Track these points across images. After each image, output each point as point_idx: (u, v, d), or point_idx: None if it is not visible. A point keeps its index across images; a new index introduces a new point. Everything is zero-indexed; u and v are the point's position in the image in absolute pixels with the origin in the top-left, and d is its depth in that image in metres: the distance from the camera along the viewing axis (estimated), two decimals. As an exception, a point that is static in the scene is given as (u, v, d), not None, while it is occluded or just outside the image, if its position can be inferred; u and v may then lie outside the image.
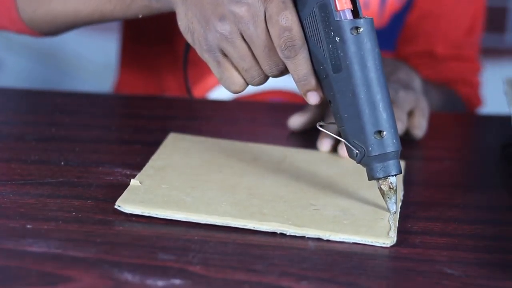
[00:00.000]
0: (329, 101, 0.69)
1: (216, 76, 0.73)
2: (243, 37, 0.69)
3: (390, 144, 0.67)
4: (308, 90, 0.70)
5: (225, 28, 0.69)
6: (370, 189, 0.72)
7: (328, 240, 0.64)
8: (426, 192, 0.75)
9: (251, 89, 1.09)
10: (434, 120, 0.90)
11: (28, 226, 0.64)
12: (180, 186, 0.70)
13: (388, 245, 0.64)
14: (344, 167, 0.77)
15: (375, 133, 0.67)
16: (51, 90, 1.05)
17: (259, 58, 0.70)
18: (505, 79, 0.88)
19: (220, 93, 1.09)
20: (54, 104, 0.92)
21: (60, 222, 0.65)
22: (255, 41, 0.69)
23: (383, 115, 0.67)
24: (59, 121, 0.86)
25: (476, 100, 1.16)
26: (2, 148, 0.79)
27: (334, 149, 0.81)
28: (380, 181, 0.68)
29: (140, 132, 0.85)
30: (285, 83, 1.10)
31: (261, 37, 0.68)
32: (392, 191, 0.68)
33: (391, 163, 0.68)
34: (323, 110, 0.87)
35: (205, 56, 0.72)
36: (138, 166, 0.74)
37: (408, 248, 0.64)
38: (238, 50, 0.70)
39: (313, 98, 0.70)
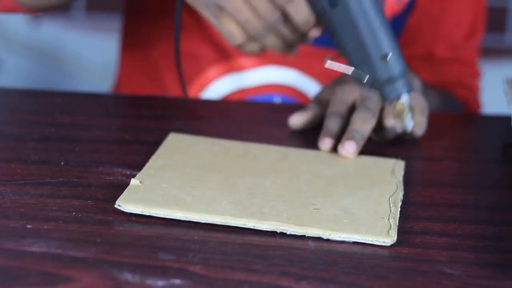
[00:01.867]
0: (331, 36, 0.73)
1: (219, 31, 0.76)
2: None
3: (396, 65, 0.72)
4: (310, 28, 0.74)
5: None
6: (370, 189, 0.73)
7: (328, 240, 0.64)
8: (426, 192, 0.75)
9: (250, 83, 1.09)
10: (434, 120, 0.90)
11: (28, 226, 0.64)
12: (180, 185, 0.70)
13: (389, 244, 0.64)
14: (344, 167, 0.77)
15: (381, 57, 0.72)
16: (51, 90, 1.05)
17: (256, 6, 0.72)
18: (505, 79, 0.88)
19: (219, 87, 1.09)
20: (54, 104, 0.92)
21: (60, 222, 0.65)
22: None
23: (385, 39, 0.72)
24: (59, 121, 0.86)
25: (475, 104, 1.16)
26: (2, 148, 0.79)
27: (335, 149, 0.81)
28: (393, 102, 0.74)
29: (140, 132, 0.85)
30: (285, 79, 1.10)
31: None
32: (407, 108, 0.74)
33: (400, 83, 0.73)
34: (323, 109, 0.87)
35: (205, 13, 0.75)
36: (138, 166, 0.74)
37: (408, 248, 0.64)
38: (233, 3, 0.72)
39: (315, 33, 0.75)
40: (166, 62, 1.10)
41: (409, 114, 0.73)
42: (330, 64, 0.76)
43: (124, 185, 0.70)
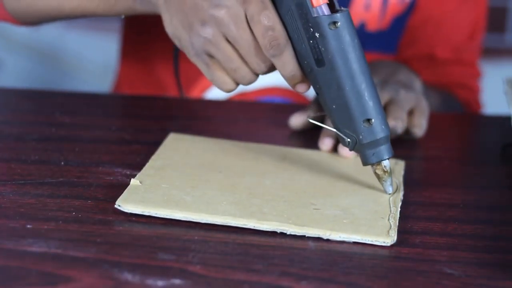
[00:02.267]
0: (317, 93, 0.72)
1: (207, 78, 0.75)
2: (227, 39, 0.71)
3: (379, 130, 0.70)
4: (296, 84, 0.73)
5: (207, 32, 0.71)
6: (370, 189, 0.73)
7: (328, 240, 0.64)
8: (426, 192, 0.75)
9: (250, 87, 1.09)
10: (434, 120, 0.90)
11: (28, 226, 0.64)
12: (180, 185, 0.70)
13: (389, 244, 0.64)
14: (344, 167, 0.77)
15: (364, 121, 0.70)
16: (51, 90, 1.05)
17: (245, 58, 0.72)
18: (505, 79, 0.88)
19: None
20: (54, 104, 0.92)
21: (60, 222, 0.65)
22: (239, 42, 0.71)
23: (370, 103, 0.70)
24: (59, 121, 0.86)
25: (476, 105, 1.15)
26: (2, 148, 0.79)
27: (335, 149, 0.81)
28: (374, 166, 0.71)
29: (140, 132, 0.85)
30: (285, 81, 1.10)
31: (244, 37, 0.70)
32: (386, 174, 0.71)
33: (383, 148, 0.71)
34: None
35: (194, 60, 0.75)
36: (138, 166, 0.74)
37: (408, 248, 0.64)
38: (224, 52, 0.72)
39: (301, 89, 0.73)
40: (166, 62, 1.10)
41: (389, 179, 0.72)
42: (312, 120, 0.76)
43: (124, 185, 0.70)
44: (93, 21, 2.00)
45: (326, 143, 0.81)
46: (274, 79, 1.10)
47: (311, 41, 0.69)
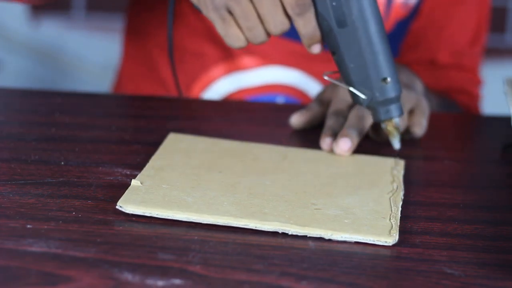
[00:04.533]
0: (333, 53, 0.76)
1: (220, 33, 0.77)
2: None
3: (393, 89, 0.76)
4: (313, 43, 0.76)
5: None
6: (371, 189, 0.73)
7: (328, 240, 0.64)
8: (426, 192, 0.75)
9: (254, 83, 1.10)
10: (434, 120, 0.90)
11: (28, 226, 0.64)
12: (180, 186, 0.70)
13: (390, 244, 0.64)
14: (344, 167, 0.77)
15: (381, 80, 0.75)
16: (51, 90, 1.05)
17: (264, 16, 0.74)
18: (505, 79, 0.88)
19: (222, 86, 1.09)
20: (54, 104, 0.92)
21: (60, 222, 0.65)
22: (261, 0, 0.73)
23: (387, 63, 0.75)
24: (59, 121, 0.86)
25: (475, 112, 1.15)
26: (2, 148, 0.79)
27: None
28: (385, 123, 0.78)
29: (140, 132, 0.85)
30: (288, 79, 1.10)
31: None
32: (396, 130, 0.78)
33: (394, 106, 0.77)
34: (325, 109, 0.87)
35: (211, 15, 0.76)
36: (138, 166, 0.74)
37: (408, 248, 0.64)
38: (244, 9, 0.74)
39: (316, 49, 0.77)
40: (167, 58, 1.10)
41: (398, 136, 0.78)
42: (327, 78, 0.79)
43: (124, 185, 0.70)
44: (94, 21, 2.00)
45: (327, 142, 0.81)
46: (276, 77, 1.10)
47: (333, 3, 0.73)
